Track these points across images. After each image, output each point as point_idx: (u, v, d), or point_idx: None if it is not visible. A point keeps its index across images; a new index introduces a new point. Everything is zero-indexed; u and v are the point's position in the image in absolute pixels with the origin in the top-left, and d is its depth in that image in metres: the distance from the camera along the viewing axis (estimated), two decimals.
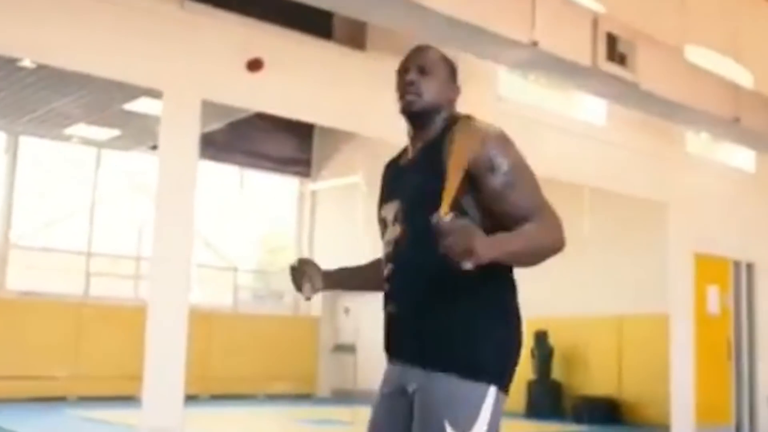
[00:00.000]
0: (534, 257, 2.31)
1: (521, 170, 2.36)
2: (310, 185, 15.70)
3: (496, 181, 2.32)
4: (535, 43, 6.44)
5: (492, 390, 2.35)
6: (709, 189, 10.15)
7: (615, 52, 7.09)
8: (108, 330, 11.83)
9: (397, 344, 2.47)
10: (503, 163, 2.33)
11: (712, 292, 10.24)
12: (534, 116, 8.15)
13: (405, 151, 2.59)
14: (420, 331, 2.37)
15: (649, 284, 10.37)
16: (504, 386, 2.38)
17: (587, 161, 8.69)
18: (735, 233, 10.40)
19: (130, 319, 9.11)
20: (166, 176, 5.84)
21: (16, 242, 12.70)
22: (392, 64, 2.65)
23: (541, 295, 11.62)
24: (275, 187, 15.86)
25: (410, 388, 2.41)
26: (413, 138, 2.54)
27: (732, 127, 8.83)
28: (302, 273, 2.66)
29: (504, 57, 6.80)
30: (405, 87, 2.51)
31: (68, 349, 11.70)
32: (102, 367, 11.65)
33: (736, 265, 10.64)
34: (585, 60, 6.89)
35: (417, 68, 2.52)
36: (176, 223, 5.81)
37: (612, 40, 7.08)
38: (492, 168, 2.32)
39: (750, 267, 10.78)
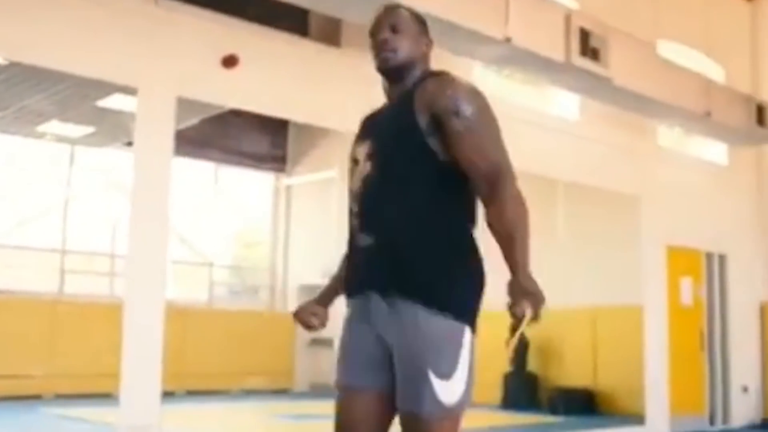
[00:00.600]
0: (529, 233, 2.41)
1: (486, 118, 2.46)
2: (285, 180, 15.69)
3: (459, 124, 2.42)
4: (508, 39, 6.50)
5: (468, 330, 2.43)
6: (681, 182, 10.25)
7: (588, 47, 7.17)
8: (83, 327, 11.78)
9: (370, 275, 2.52)
10: (467, 109, 2.43)
11: (685, 284, 10.34)
12: (508, 111, 8.14)
13: (383, 107, 2.72)
14: (395, 262, 2.44)
15: (623, 276, 10.46)
16: (474, 325, 2.47)
17: (561, 156, 8.75)
18: (707, 225, 10.52)
19: (106, 317, 9.07)
20: (142, 173, 5.83)
21: None
22: (367, 61, 2.72)
23: None
24: (250, 183, 15.83)
25: (384, 329, 2.47)
26: (389, 93, 2.67)
27: (703, 122, 8.94)
28: (304, 315, 2.84)
29: (478, 53, 6.85)
30: (379, 46, 2.63)
31: (43, 347, 11.64)
32: (78, 364, 11.60)
33: (709, 256, 10.75)
34: (558, 55, 6.96)
35: (389, 27, 2.64)
36: (152, 219, 5.80)
37: (585, 36, 7.16)
38: (456, 112, 2.42)
39: (722, 258, 10.90)
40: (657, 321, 9.71)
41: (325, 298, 2.85)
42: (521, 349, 11.84)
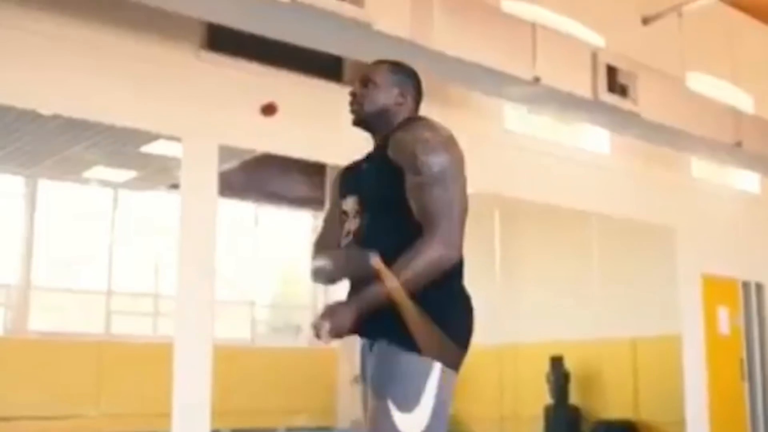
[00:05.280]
0: (413, 289, 2.38)
1: (436, 179, 2.43)
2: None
3: (412, 180, 2.45)
4: (537, 79, 6.68)
5: (437, 366, 2.41)
6: (715, 212, 10.32)
7: (616, 83, 7.31)
8: (130, 367, 11.99)
9: (363, 323, 2.53)
10: (422, 167, 2.43)
11: (723, 313, 10.36)
12: (540, 147, 8.37)
13: (363, 158, 2.75)
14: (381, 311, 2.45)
15: (660, 306, 10.48)
16: (450, 363, 2.44)
17: (594, 189, 8.87)
18: (743, 254, 10.55)
19: (151, 356, 9.31)
20: (188, 219, 6.07)
21: (37, 284, 12.91)
22: None
23: (555, 320, 11.80)
24: (289, 222, 16.05)
25: (369, 371, 2.54)
26: (373, 142, 2.73)
27: (734, 152, 9.01)
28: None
29: (508, 93, 7.04)
30: (350, 101, 2.71)
31: (91, 387, 11.87)
32: (125, 404, 11.80)
33: (745, 285, 10.77)
34: (586, 93, 7.12)
35: (360, 81, 2.70)
36: (199, 262, 6.03)
37: (612, 72, 7.31)
38: (412, 167, 2.45)
39: (759, 287, 10.91)
40: (695, 351, 9.74)
41: None
42: (562, 381, 11.86)
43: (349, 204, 2.65)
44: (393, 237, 2.46)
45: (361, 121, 2.70)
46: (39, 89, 5.75)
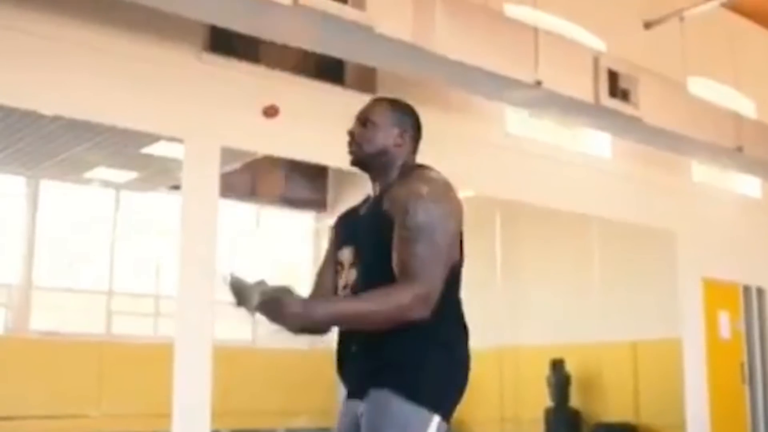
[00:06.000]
0: (367, 324, 2.36)
1: (422, 232, 2.37)
2: (327, 220, 15.89)
3: (397, 230, 2.40)
4: (539, 83, 6.69)
5: (436, 419, 2.38)
6: (716, 216, 10.32)
7: (617, 88, 7.33)
8: (131, 367, 11.99)
9: (351, 380, 2.57)
10: (409, 221, 2.37)
11: (723, 317, 10.36)
12: (541, 151, 8.37)
13: (367, 199, 2.70)
14: (371, 365, 2.45)
15: (661, 310, 10.49)
16: (446, 415, 2.42)
17: (595, 193, 8.88)
18: (744, 259, 10.55)
19: (151, 357, 9.31)
20: (190, 220, 6.09)
21: (38, 284, 12.92)
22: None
23: (555, 323, 11.80)
24: (291, 223, 16.04)
25: (361, 420, 2.48)
26: (372, 185, 2.67)
27: (735, 156, 9.01)
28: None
29: (509, 97, 7.05)
30: (348, 141, 2.64)
31: (92, 387, 11.87)
32: (126, 404, 11.80)
33: (746, 290, 10.77)
34: (588, 97, 7.13)
35: (359, 120, 2.64)
36: (200, 263, 6.04)
37: (614, 77, 7.32)
38: (401, 221, 2.39)
39: (760, 292, 10.90)
40: (696, 355, 9.74)
41: None
42: (562, 384, 11.84)
43: (345, 255, 2.61)
44: None
45: (360, 161, 2.64)
46: (41, 90, 5.77)
